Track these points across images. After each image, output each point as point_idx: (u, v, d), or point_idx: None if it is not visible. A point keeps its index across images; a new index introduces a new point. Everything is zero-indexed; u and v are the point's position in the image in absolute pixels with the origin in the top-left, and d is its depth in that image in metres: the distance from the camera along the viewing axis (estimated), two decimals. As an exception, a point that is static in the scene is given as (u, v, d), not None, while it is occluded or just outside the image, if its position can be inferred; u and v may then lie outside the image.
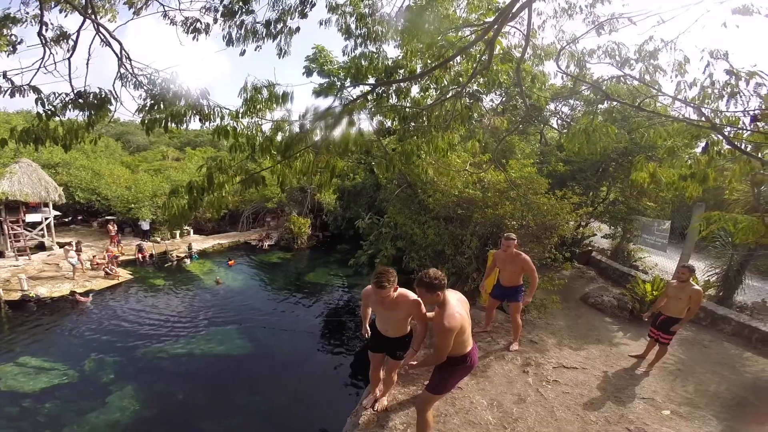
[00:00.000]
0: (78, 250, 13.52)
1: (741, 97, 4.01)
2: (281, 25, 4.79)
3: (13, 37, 3.98)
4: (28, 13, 4.08)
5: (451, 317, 2.86)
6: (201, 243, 18.68)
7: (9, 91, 3.38)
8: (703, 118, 4.29)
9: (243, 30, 4.72)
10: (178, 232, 18.95)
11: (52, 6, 3.86)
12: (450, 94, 5.61)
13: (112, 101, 3.65)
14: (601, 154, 9.80)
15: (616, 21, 4.85)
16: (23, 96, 3.42)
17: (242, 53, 4.96)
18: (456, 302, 3.01)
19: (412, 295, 3.42)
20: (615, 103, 9.44)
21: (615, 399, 4.57)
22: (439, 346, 2.96)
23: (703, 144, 4.66)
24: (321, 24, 5.50)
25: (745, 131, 4.30)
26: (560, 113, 15.81)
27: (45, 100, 3.36)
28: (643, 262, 11.15)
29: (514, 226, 7.41)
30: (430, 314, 3.43)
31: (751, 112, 3.89)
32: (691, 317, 5.17)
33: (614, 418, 4.19)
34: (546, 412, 4.21)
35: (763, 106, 3.92)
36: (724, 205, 8.94)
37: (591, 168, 11.17)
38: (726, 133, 4.05)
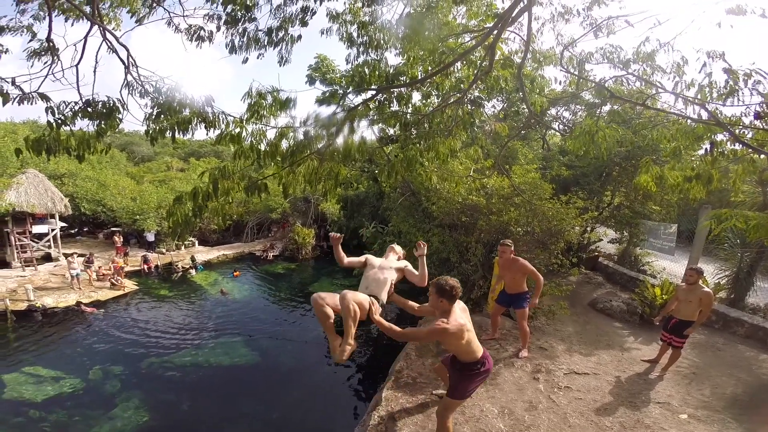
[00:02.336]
0: (90, 261, 13.61)
1: (741, 95, 3.99)
2: (283, 33, 4.85)
3: None
4: (21, 22, 4.12)
5: (451, 321, 2.98)
6: (206, 254, 18.70)
7: (18, 98, 3.40)
8: (706, 115, 4.28)
9: (245, 38, 4.78)
10: (183, 243, 18.99)
11: (56, 14, 3.89)
12: (451, 101, 5.64)
13: (121, 110, 3.67)
14: (604, 158, 9.78)
15: (612, 23, 4.88)
16: (31, 103, 3.44)
17: (245, 61, 5.00)
18: (460, 313, 3.12)
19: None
20: (617, 106, 9.47)
21: (629, 404, 4.48)
22: (420, 332, 3.18)
23: (706, 145, 4.65)
24: (322, 33, 5.55)
25: (748, 130, 4.28)
26: (561, 118, 15.87)
27: (55, 108, 3.38)
28: (651, 267, 11.01)
29: (519, 233, 7.35)
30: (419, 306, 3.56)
31: (755, 108, 3.87)
32: (703, 320, 5.09)
33: (630, 423, 4.09)
34: (559, 419, 4.12)
35: (765, 103, 3.90)
36: (730, 207, 8.87)
37: (594, 173, 11.13)
38: (732, 131, 4.03)
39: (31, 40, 4.03)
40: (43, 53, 3.94)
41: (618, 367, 5.48)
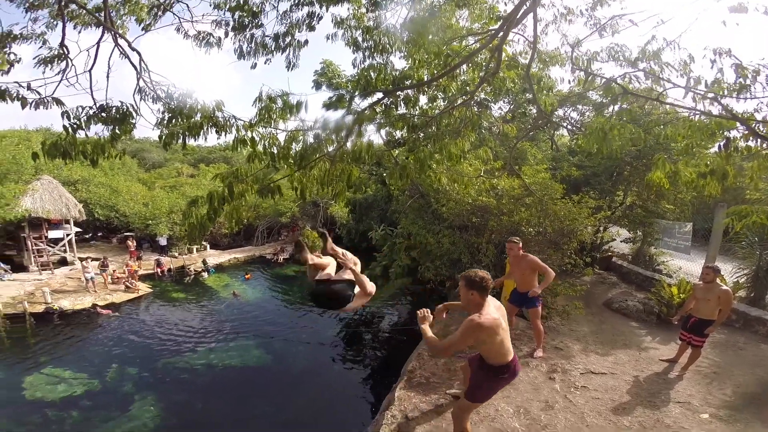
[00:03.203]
0: (104, 265, 13.92)
1: (752, 90, 3.93)
2: (289, 38, 4.89)
3: (12, 55, 4.08)
4: (35, 30, 4.21)
5: (484, 315, 2.80)
6: (217, 257, 18.89)
7: (34, 102, 3.48)
8: (717, 111, 4.21)
9: (253, 44, 4.83)
10: (195, 247, 19.21)
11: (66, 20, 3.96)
12: (458, 103, 5.64)
13: (134, 115, 3.73)
14: (618, 156, 9.66)
15: (616, 23, 4.86)
16: (47, 108, 3.52)
17: (253, 66, 5.03)
18: (493, 309, 2.93)
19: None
20: (625, 104, 9.37)
21: (649, 404, 4.39)
22: (451, 339, 2.87)
23: (719, 142, 4.58)
24: (328, 38, 5.58)
25: (762, 125, 4.20)
26: (569, 118, 15.77)
27: (71, 113, 3.44)
28: (667, 266, 10.81)
29: (531, 233, 7.29)
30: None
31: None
32: (723, 319, 4.98)
33: (649, 423, 4.02)
34: (576, 419, 4.06)
35: None
36: (746, 204, 8.67)
37: (605, 172, 11.00)
38: (749, 125, 3.95)
39: (41, 47, 4.09)
40: (55, 60, 4.00)
41: (636, 366, 5.38)
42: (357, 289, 3.34)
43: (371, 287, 3.37)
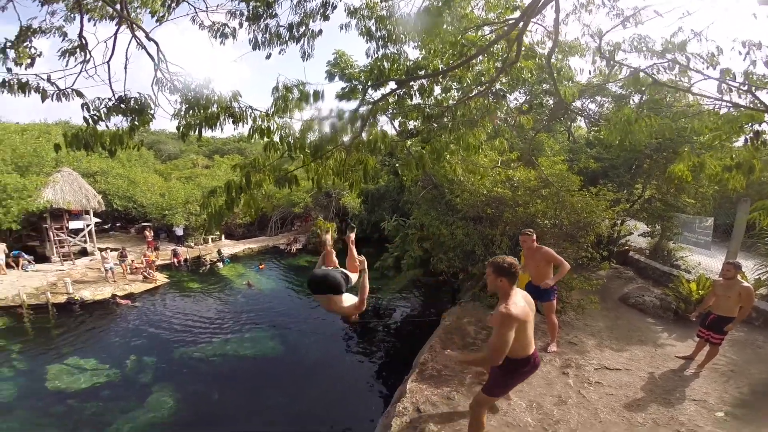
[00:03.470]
0: (123, 256, 14.28)
1: None
2: (304, 28, 4.87)
3: (32, 49, 4.15)
4: (53, 23, 4.27)
5: (512, 305, 2.71)
6: (232, 247, 19.18)
7: (55, 94, 3.55)
8: (749, 102, 4.06)
9: (268, 34, 4.82)
10: (210, 237, 19.54)
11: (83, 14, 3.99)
12: (474, 93, 5.55)
13: (152, 106, 3.77)
14: (643, 147, 9.41)
15: (639, 14, 4.72)
16: (67, 100, 3.58)
17: (268, 56, 5.01)
18: (521, 299, 2.86)
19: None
20: (645, 96, 9.09)
21: (663, 401, 4.33)
22: (494, 342, 2.71)
23: (746, 135, 4.43)
24: (341, 28, 5.54)
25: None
26: (588, 110, 15.41)
27: (90, 105, 3.50)
28: (685, 261, 10.56)
29: (547, 225, 7.18)
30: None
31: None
32: (744, 316, 4.86)
33: (663, 420, 3.96)
34: (589, 414, 4.03)
35: None
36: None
37: (624, 165, 10.74)
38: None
39: (63, 39, 4.15)
40: (76, 50, 4.05)
41: (651, 363, 5.30)
42: (350, 299, 3.57)
43: (365, 301, 3.55)
